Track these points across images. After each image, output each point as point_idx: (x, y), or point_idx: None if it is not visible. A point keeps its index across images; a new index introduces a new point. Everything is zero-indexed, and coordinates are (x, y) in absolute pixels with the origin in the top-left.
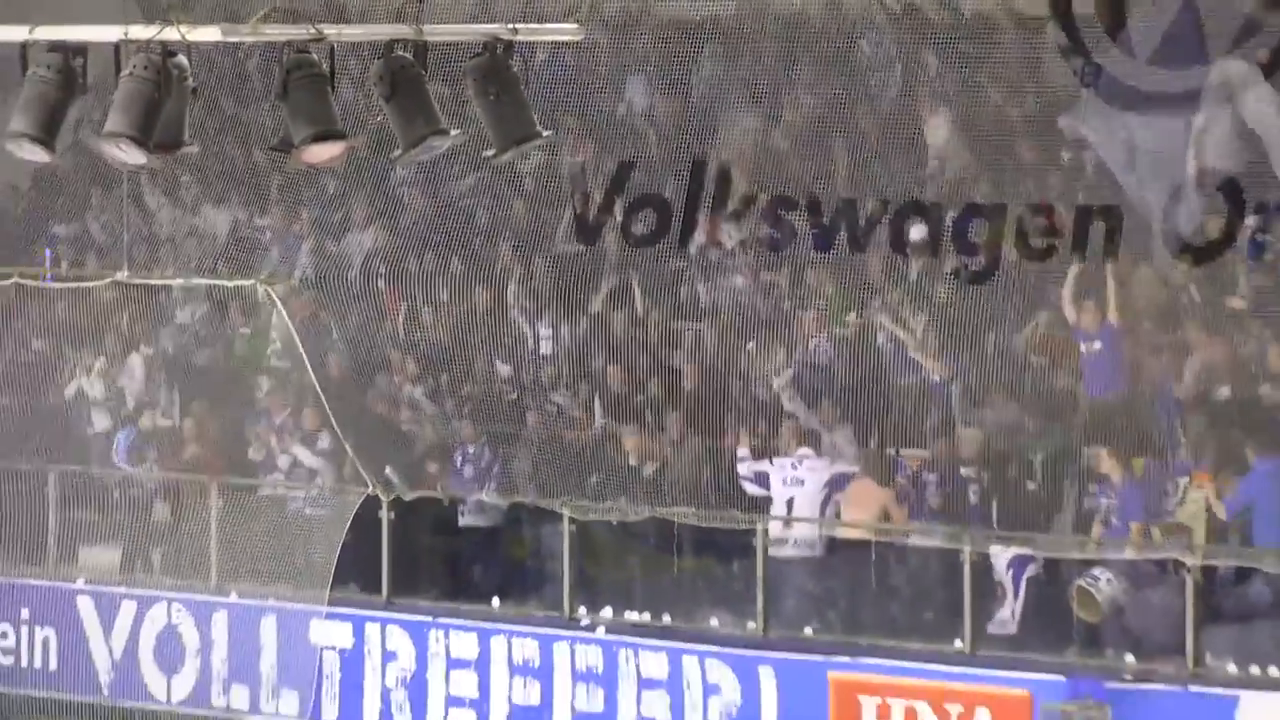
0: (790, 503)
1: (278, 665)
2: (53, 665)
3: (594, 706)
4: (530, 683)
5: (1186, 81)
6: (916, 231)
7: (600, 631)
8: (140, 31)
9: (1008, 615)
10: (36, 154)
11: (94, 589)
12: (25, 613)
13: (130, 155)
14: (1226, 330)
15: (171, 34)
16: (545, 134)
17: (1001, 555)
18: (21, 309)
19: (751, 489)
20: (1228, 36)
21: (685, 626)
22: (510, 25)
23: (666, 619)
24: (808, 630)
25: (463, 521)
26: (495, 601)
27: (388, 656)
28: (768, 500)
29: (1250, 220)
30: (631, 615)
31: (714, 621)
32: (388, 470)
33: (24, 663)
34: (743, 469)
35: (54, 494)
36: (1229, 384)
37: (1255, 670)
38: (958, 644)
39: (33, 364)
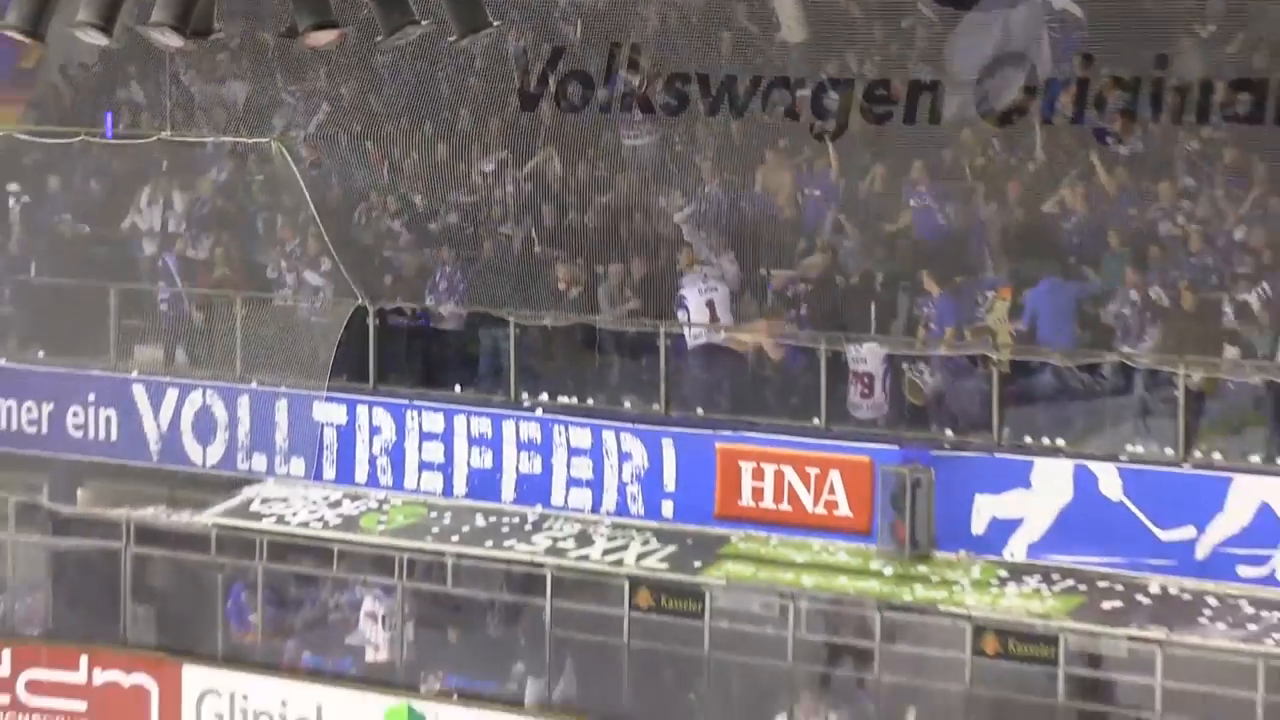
0: (710, 304)
1: (289, 437)
2: (114, 438)
3: (534, 469)
4: (485, 451)
5: None
6: (782, 100)
7: (539, 412)
8: None
9: (880, 400)
10: (98, 38)
11: (145, 379)
12: (92, 396)
13: (170, 40)
14: (1022, 177)
15: None
16: (495, 24)
17: (877, 353)
18: (87, 160)
19: (681, 315)
20: None
21: (604, 408)
22: None
23: (590, 402)
24: (700, 410)
25: (434, 326)
26: (458, 388)
27: (374, 431)
28: (681, 309)
29: (1043, 92)
30: (563, 399)
31: (627, 404)
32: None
33: (91, 436)
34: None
35: (114, 304)
36: (1024, 219)
37: (1045, 441)
38: (816, 421)
39: (95, 203)
